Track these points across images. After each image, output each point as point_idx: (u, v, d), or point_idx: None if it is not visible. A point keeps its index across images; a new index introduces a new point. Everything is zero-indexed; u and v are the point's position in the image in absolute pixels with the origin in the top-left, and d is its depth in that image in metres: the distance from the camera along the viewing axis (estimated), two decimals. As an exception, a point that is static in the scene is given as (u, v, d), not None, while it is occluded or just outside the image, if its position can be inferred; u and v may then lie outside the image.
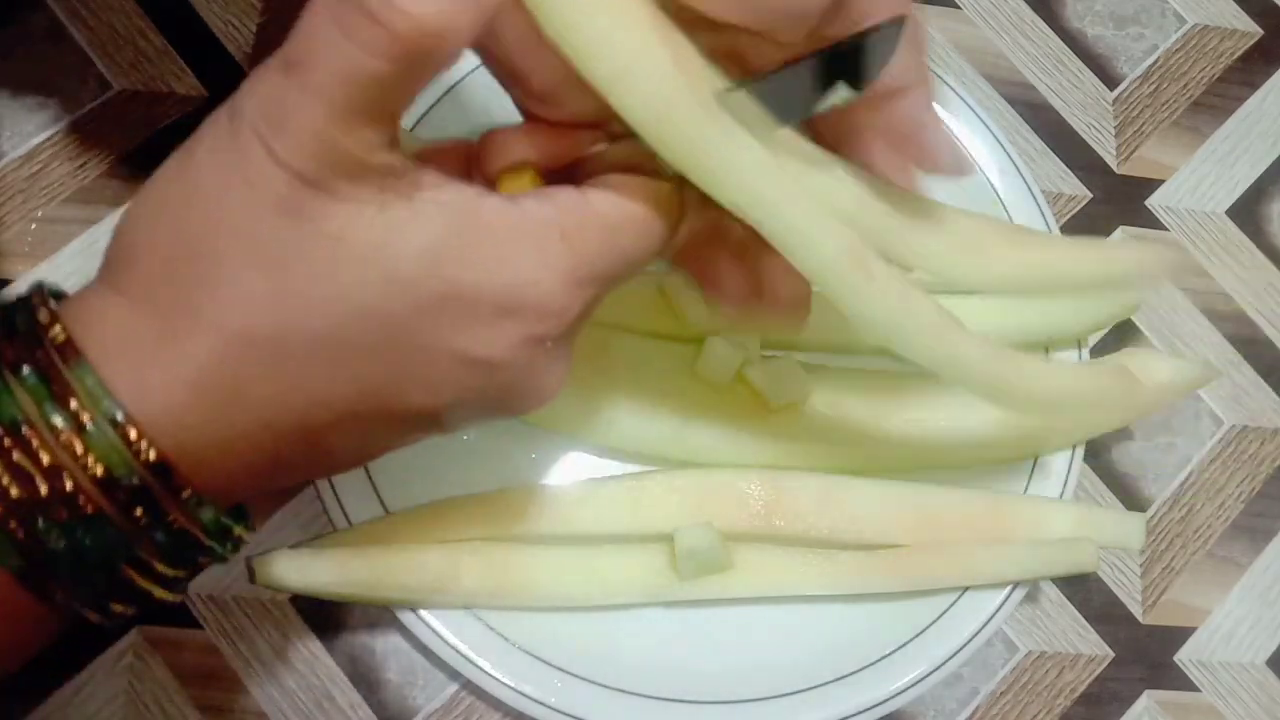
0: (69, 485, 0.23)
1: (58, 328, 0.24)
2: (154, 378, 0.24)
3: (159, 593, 0.25)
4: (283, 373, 0.24)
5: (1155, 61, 0.55)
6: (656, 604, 0.41)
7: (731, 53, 0.27)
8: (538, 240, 0.24)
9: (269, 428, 0.25)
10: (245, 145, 0.23)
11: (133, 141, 0.46)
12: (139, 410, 0.23)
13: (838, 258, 0.26)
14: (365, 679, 0.41)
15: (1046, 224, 0.47)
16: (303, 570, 0.38)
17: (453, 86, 0.45)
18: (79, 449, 0.23)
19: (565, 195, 0.25)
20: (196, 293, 0.24)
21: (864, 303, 0.27)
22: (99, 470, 0.23)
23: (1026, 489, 0.44)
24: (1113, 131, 0.53)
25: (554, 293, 0.25)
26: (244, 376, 0.24)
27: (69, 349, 0.23)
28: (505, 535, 0.40)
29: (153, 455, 0.23)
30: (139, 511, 0.24)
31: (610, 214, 0.26)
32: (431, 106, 0.45)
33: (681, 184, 0.27)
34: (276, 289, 0.23)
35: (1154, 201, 0.53)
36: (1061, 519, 0.42)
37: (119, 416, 0.23)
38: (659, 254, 0.28)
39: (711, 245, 0.31)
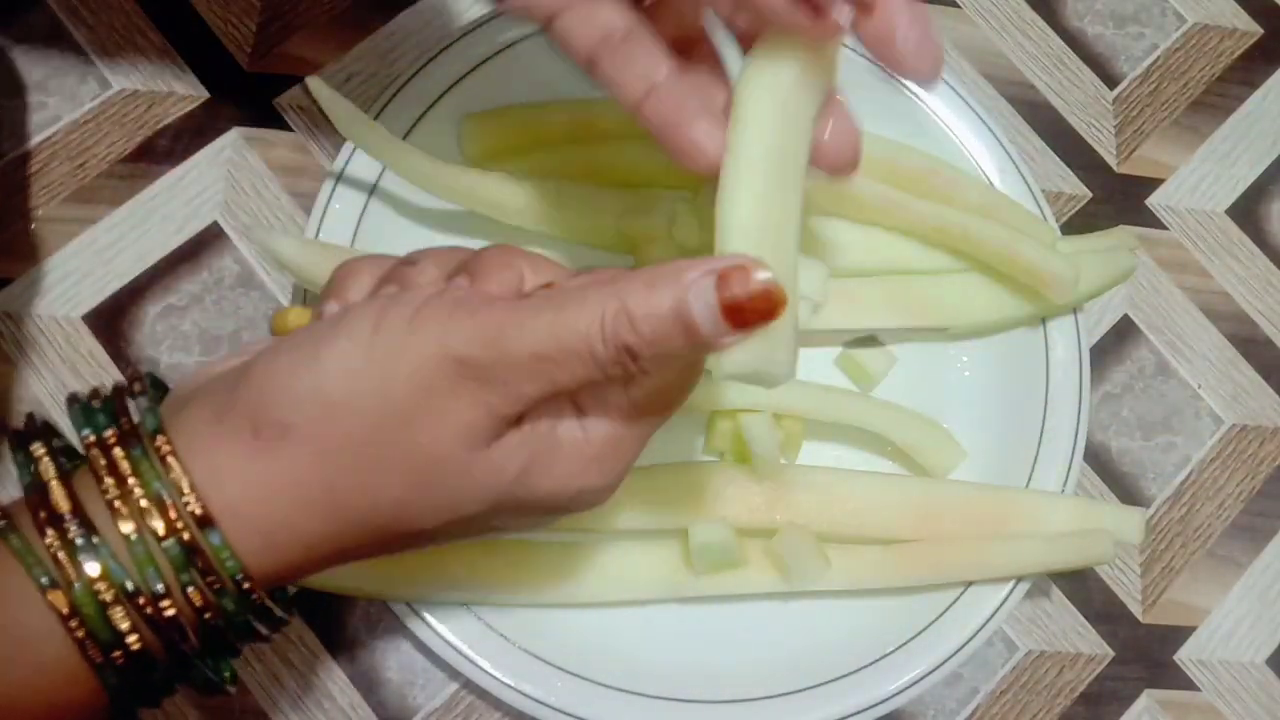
0: (187, 634, 0.26)
1: (190, 494, 0.25)
2: (277, 541, 0.26)
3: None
4: (372, 541, 0.28)
5: (1155, 61, 0.55)
6: (666, 601, 0.42)
7: None
8: (597, 461, 0.28)
9: (340, 561, 0.29)
10: (455, 383, 0.26)
11: (133, 141, 0.46)
12: (258, 567, 0.26)
13: None
14: (365, 678, 0.41)
15: (1047, 223, 0.47)
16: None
17: (437, 100, 0.45)
18: (200, 602, 0.26)
19: (618, 409, 0.28)
20: (343, 482, 0.26)
21: None
22: (214, 620, 0.26)
23: (1027, 488, 0.44)
24: (1113, 131, 0.53)
25: (602, 495, 0.29)
26: (345, 547, 0.28)
27: (205, 519, 0.26)
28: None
29: (261, 600, 0.27)
30: (230, 638, 0.27)
31: (654, 414, 0.29)
32: (418, 119, 0.45)
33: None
34: (413, 498, 0.27)
35: (1154, 201, 0.53)
36: (1062, 514, 0.42)
37: (241, 578, 0.26)
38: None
39: None
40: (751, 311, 0.25)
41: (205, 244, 0.45)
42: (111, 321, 0.44)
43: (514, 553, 0.40)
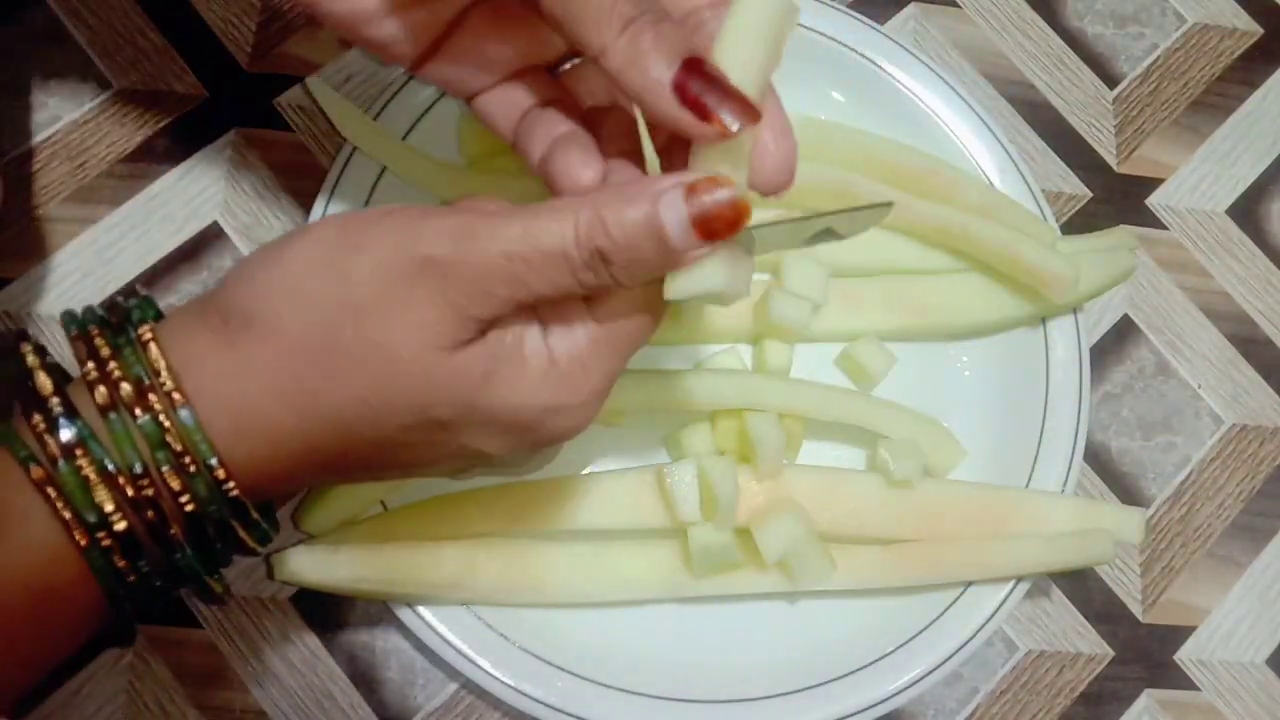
0: (167, 519, 0.27)
1: (166, 375, 0.27)
2: (247, 429, 0.27)
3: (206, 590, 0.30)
4: (345, 447, 0.28)
5: (1155, 60, 0.55)
6: (666, 601, 0.42)
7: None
8: (565, 379, 0.29)
9: (318, 469, 0.29)
10: (418, 280, 0.26)
11: (133, 141, 0.46)
12: (229, 454, 0.27)
13: None
14: (365, 678, 0.41)
15: (1047, 223, 0.47)
16: (320, 566, 0.38)
17: (437, 100, 0.45)
18: (176, 485, 0.27)
19: (583, 329, 0.29)
20: (309, 373, 0.27)
21: None
22: (190, 506, 0.27)
23: (1027, 488, 0.44)
24: (1113, 130, 0.53)
25: (573, 419, 0.29)
26: (317, 447, 0.28)
27: (178, 396, 0.27)
28: (511, 530, 0.40)
29: (235, 493, 0.27)
30: (211, 534, 0.28)
31: (621, 338, 0.29)
32: (418, 119, 0.45)
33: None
34: (376, 394, 0.27)
35: (1154, 201, 0.53)
36: (1062, 514, 0.42)
37: (214, 462, 0.27)
38: None
39: None
40: (718, 221, 0.26)
41: (205, 244, 0.45)
42: (111, 321, 0.44)
43: (514, 553, 0.40)
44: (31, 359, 0.27)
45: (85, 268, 0.44)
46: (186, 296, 0.44)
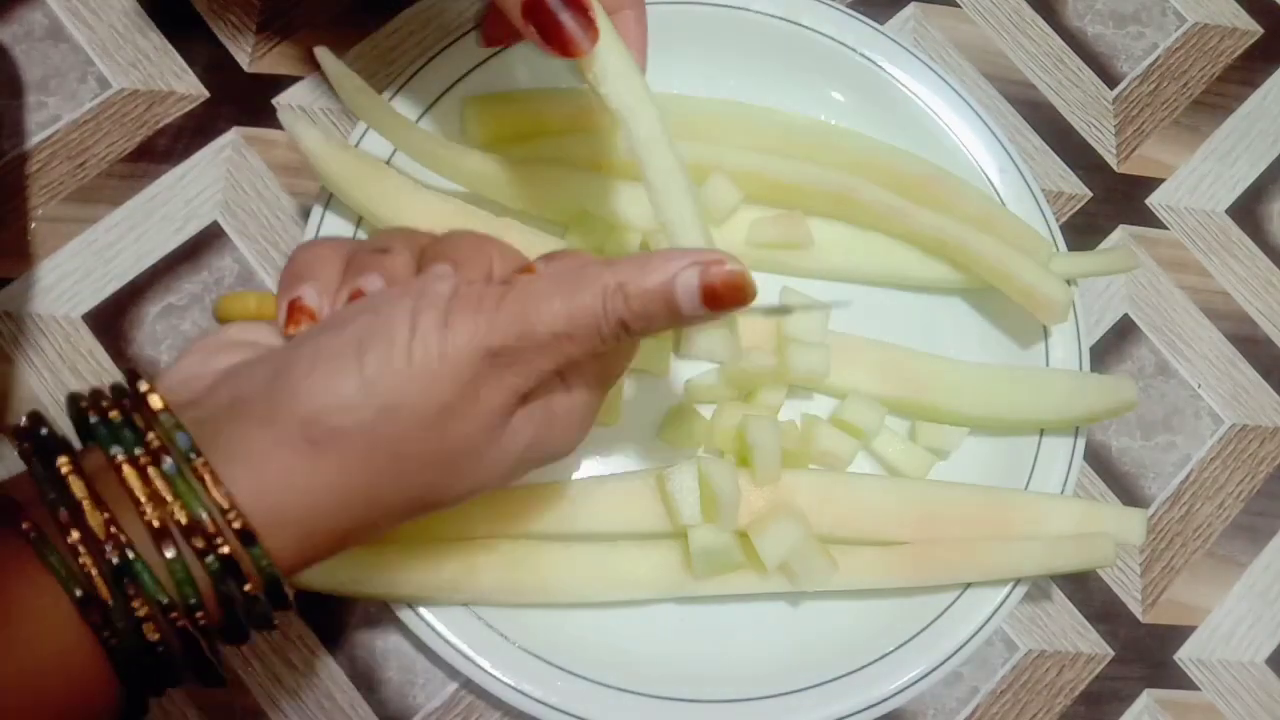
0: (213, 638, 0.27)
1: (234, 514, 0.26)
2: (311, 540, 0.28)
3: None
4: (399, 521, 0.30)
5: (1155, 60, 0.55)
6: (667, 600, 0.42)
7: None
8: (581, 421, 0.32)
9: (344, 542, 0.30)
10: (488, 373, 0.29)
11: (133, 141, 0.46)
12: (289, 565, 0.28)
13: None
14: (365, 678, 0.41)
15: (1047, 223, 0.47)
16: (320, 567, 0.37)
17: (436, 100, 0.45)
18: (232, 604, 0.27)
19: (593, 377, 0.32)
20: (384, 479, 0.28)
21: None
22: (241, 617, 0.27)
23: (1027, 488, 0.44)
24: (1113, 130, 0.53)
25: (579, 439, 0.33)
26: (378, 527, 0.30)
27: (247, 534, 0.26)
28: (511, 532, 0.40)
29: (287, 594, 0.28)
30: (248, 630, 0.28)
31: (610, 385, 0.33)
32: (418, 119, 0.45)
33: None
34: (442, 481, 0.30)
35: (1154, 200, 0.53)
36: (1062, 515, 0.42)
37: (280, 583, 0.27)
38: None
39: None
40: (727, 297, 0.29)
41: (205, 244, 0.45)
42: (111, 321, 0.44)
43: (514, 554, 0.40)
44: (76, 485, 0.26)
45: (85, 267, 0.44)
46: (187, 297, 0.44)
